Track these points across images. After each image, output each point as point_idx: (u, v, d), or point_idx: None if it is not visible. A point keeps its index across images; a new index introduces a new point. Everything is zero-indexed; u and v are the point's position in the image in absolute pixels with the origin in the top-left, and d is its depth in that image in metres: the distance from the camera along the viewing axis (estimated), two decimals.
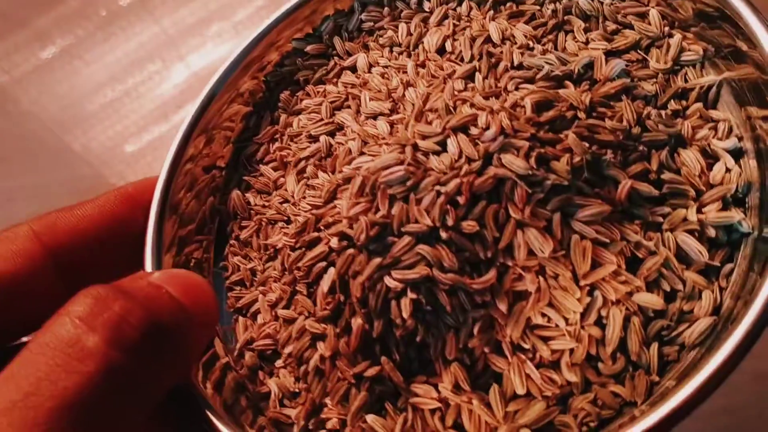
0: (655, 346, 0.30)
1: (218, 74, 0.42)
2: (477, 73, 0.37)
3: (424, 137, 0.33)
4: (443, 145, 0.33)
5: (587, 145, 0.32)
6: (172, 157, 0.39)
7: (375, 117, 0.38)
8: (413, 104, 0.37)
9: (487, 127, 0.32)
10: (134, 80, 0.73)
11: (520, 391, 0.30)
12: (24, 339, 0.35)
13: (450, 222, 0.31)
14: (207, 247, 0.41)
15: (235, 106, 0.43)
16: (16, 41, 0.77)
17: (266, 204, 0.40)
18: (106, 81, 0.73)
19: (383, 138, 0.36)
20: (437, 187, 0.31)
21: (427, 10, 0.43)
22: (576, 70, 0.36)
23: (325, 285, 0.33)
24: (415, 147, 0.33)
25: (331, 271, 0.33)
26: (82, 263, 0.36)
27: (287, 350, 0.35)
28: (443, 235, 0.31)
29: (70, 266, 0.35)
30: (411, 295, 0.31)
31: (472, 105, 0.34)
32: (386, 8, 0.43)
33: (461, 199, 0.31)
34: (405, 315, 0.31)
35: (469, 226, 0.31)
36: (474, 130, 0.32)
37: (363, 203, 0.33)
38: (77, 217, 0.36)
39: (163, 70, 0.71)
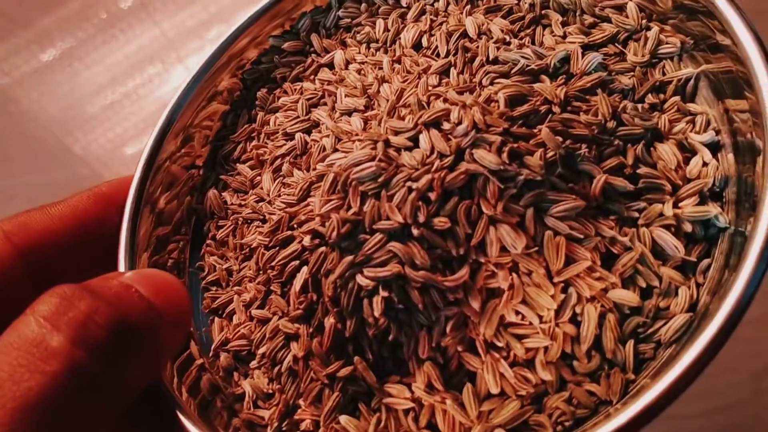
0: (630, 343, 0.30)
1: (195, 71, 0.41)
2: (452, 69, 0.36)
3: (396, 133, 0.33)
4: (415, 141, 0.32)
5: (561, 139, 0.32)
6: (147, 156, 0.39)
7: (349, 113, 0.37)
8: (387, 100, 0.36)
9: (460, 122, 0.32)
10: (134, 82, 0.73)
11: (494, 390, 0.30)
12: None
13: (421, 219, 0.30)
14: (183, 248, 0.41)
15: (214, 104, 0.43)
16: (17, 43, 0.77)
17: (243, 203, 0.40)
18: (107, 83, 0.74)
19: (356, 134, 0.35)
20: (408, 183, 0.31)
21: (404, 5, 0.42)
22: (552, 64, 0.35)
23: (297, 284, 0.33)
24: (387, 143, 0.32)
25: (304, 270, 0.33)
26: (55, 264, 0.35)
27: (261, 351, 0.34)
28: (415, 232, 0.30)
29: (42, 267, 0.35)
30: (383, 293, 0.30)
31: (446, 100, 0.33)
32: (363, 4, 0.43)
33: (433, 195, 0.30)
34: (377, 313, 0.30)
35: (441, 222, 0.30)
36: (446, 125, 0.32)
37: (335, 200, 0.32)
38: (50, 217, 0.36)
39: (163, 73, 0.72)
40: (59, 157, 0.64)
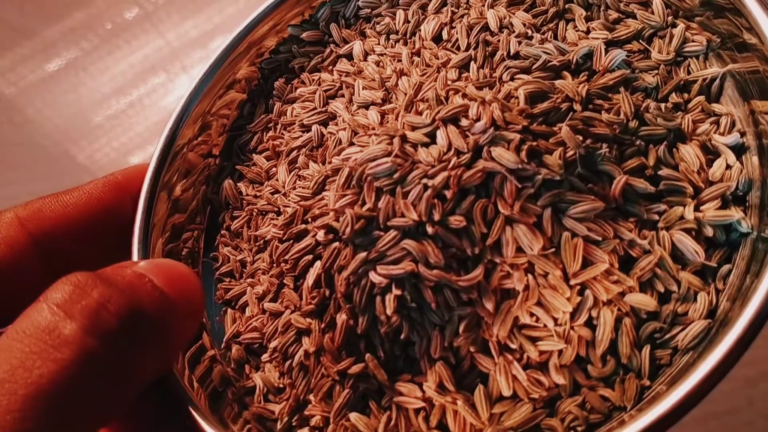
0: (647, 349, 0.29)
1: (213, 57, 0.41)
2: (472, 63, 0.36)
3: (413, 128, 0.32)
4: (432, 137, 0.32)
5: (581, 138, 0.31)
6: (164, 142, 0.38)
7: (367, 106, 0.37)
8: (405, 93, 0.35)
9: (478, 119, 0.31)
10: (139, 92, 0.73)
11: (507, 392, 0.29)
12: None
13: (436, 217, 0.30)
14: (198, 237, 0.41)
15: (232, 93, 0.42)
16: (23, 53, 0.78)
17: (258, 194, 0.39)
18: (111, 93, 0.74)
19: (373, 128, 0.35)
20: (424, 181, 0.30)
21: None
22: (574, 60, 0.34)
23: (310, 279, 0.33)
24: (404, 138, 0.32)
25: (317, 264, 0.33)
26: (68, 251, 0.35)
27: (273, 344, 0.34)
28: (429, 230, 0.30)
29: (55, 254, 0.35)
30: (396, 291, 0.30)
31: (464, 95, 0.33)
32: None
33: (448, 193, 0.30)
34: (389, 312, 0.30)
35: (456, 221, 0.30)
36: (464, 122, 0.31)
37: (350, 195, 0.32)
38: (63, 204, 0.36)
39: (167, 83, 0.72)
40: (64, 166, 0.65)
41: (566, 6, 0.38)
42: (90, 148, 0.70)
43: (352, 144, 0.35)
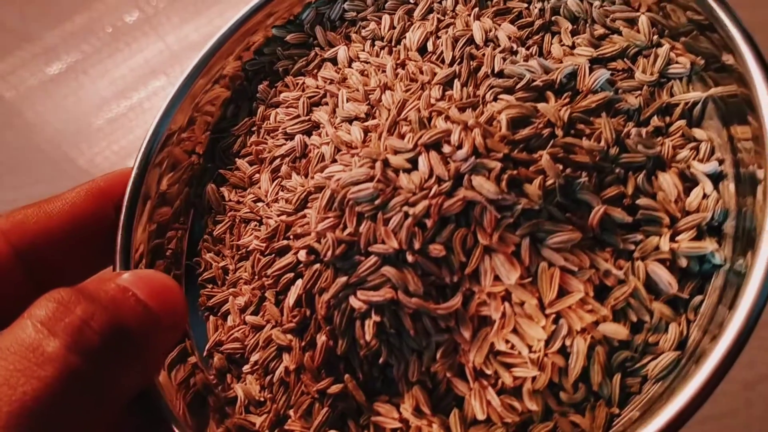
0: (617, 377, 0.30)
1: (206, 49, 0.40)
2: (456, 80, 0.36)
3: (395, 152, 0.32)
4: (414, 162, 0.32)
5: (561, 167, 0.31)
6: (145, 147, 0.38)
7: (350, 121, 0.37)
8: (388, 110, 0.35)
9: (460, 145, 0.31)
10: (139, 96, 0.74)
11: (480, 416, 0.30)
12: None
13: (417, 245, 0.30)
14: (181, 238, 0.41)
15: (217, 88, 0.42)
16: (23, 57, 0.77)
17: (240, 200, 0.40)
18: (111, 96, 0.74)
19: (356, 146, 0.35)
20: (405, 208, 0.31)
21: (411, 1, 0.41)
22: (558, 80, 0.34)
23: (291, 298, 0.33)
24: (386, 162, 0.32)
25: (299, 283, 0.33)
26: (51, 260, 0.36)
27: (254, 357, 0.35)
28: (410, 258, 0.30)
29: (38, 264, 0.35)
30: (375, 317, 0.31)
31: (447, 118, 0.33)
32: None
33: (429, 222, 0.30)
34: (368, 337, 0.31)
35: (436, 250, 0.30)
36: (446, 148, 0.31)
37: (331, 219, 0.32)
38: (47, 215, 0.35)
39: (167, 86, 0.72)
40: (64, 169, 0.65)
41: (552, 18, 0.38)
42: (90, 151, 0.71)
43: (334, 161, 0.35)
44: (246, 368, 0.35)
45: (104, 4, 0.78)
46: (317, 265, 0.32)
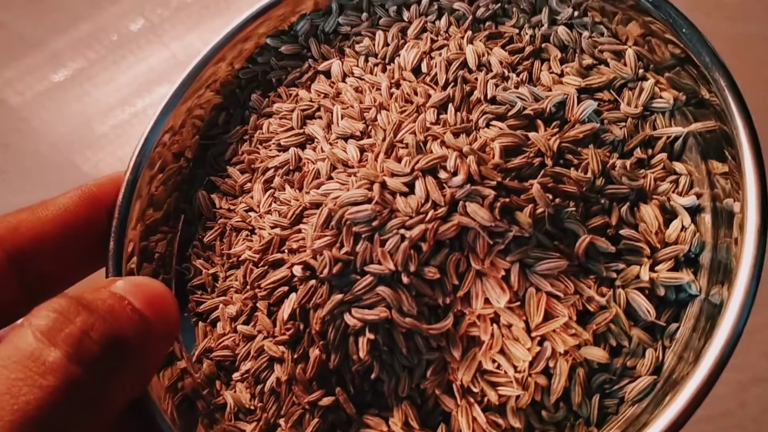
0: (596, 398, 0.32)
1: (202, 55, 0.41)
2: (450, 104, 0.37)
3: (392, 175, 0.33)
4: (411, 186, 0.33)
5: (551, 197, 0.33)
6: (138, 152, 0.38)
7: (346, 138, 0.38)
8: (384, 130, 0.36)
9: (456, 172, 0.32)
10: (143, 103, 0.74)
11: (466, 431, 0.32)
12: None
13: (412, 268, 0.31)
14: (171, 241, 0.41)
15: (207, 93, 0.43)
16: (30, 63, 0.77)
17: (231, 208, 0.40)
18: (116, 103, 0.75)
19: (352, 165, 0.36)
20: (402, 231, 0.32)
21: (405, 20, 0.42)
22: (548, 109, 0.36)
23: (285, 312, 0.34)
24: (384, 185, 0.33)
25: (293, 297, 0.34)
26: (43, 265, 0.36)
27: (245, 367, 0.36)
28: (405, 279, 0.31)
29: (29, 268, 0.35)
30: (369, 335, 0.32)
31: (443, 143, 0.34)
32: (365, 13, 0.43)
33: (424, 246, 0.32)
34: (362, 354, 0.32)
35: (431, 272, 0.31)
36: (442, 174, 0.33)
37: (328, 237, 0.33)
38: (40, 220, 0.36)
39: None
40: (69, 175, 0.65)
41: (542, 45, 0.39)
42: (95, 157, 0.71)
43: (330, 178, 0.36)
44: (236, 376, 0.36)
45: (110, 13, 0.78)
46: (313, 281, 0.33)
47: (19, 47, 0.78)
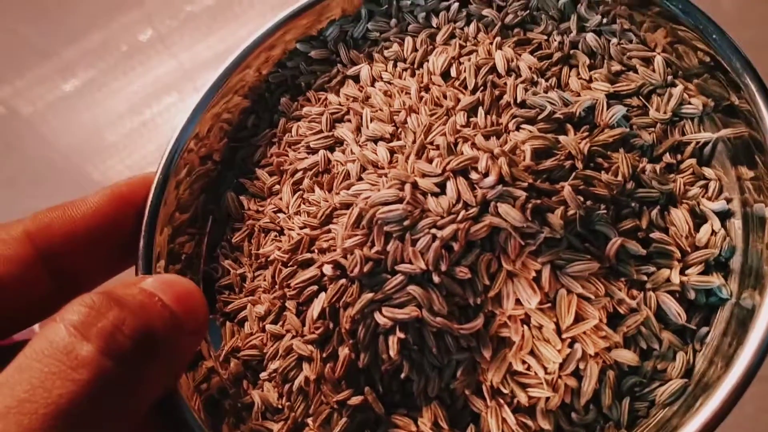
0: (626, 400, 0.32)
1: (229, 61, 0.41)
2: (480, 108, 0.37)
3: (423, 175, 0.34)
4: (442, 187, 0.33)
5: (582, 199, 0.33)
6: (168, 154, 0.39)
7: (375, 141, 0.38)
8: (414, 133, 0.37)
9: (487, 173, 0.33)
10: (152, 112, 0.76)
11: None
12: (16, 337, 0.36)
13: (443, 267, 0.32)
14: (198, 243, 0.42)
15: (235, 97, 0.43)
16: (41, 74, 0.79)
17: (260, 209, 0.40)
18: (126, 112, 0.77)
19: (382, 166, 0.36)
20: (433, 231, 0.32)
21: (434, 26, 0.42)
22: (577, 113, 0.36)
23: (315, 310, 0.34)
24: (415, 185, 0.33)
25: (322, 296, 0.34)
26: (72, 264, 0.36)
27: (273, 366, 0.36)
28: (436, 279, 0.32)
29: (60, 267, 0.36)
30: (399, 334, 0.32)
31: (473, 145, 0.34)
32: (393, 20, 0.43)
33: (456, 245, 0.32)
34: (392, 353, 0.32)
35: (462, 272, 0.32)
36: (474, 175, 0.33)
37: (359, 236, 0.33)
38: (71, 218, 0.36)
39: (179, 102, 0.75)
40: (79, 183, 0.67)
41: (571, 51, 0.40)
42: (104, 165, 0.72)
43: (360, 179, 0.36)
44: (264, 375, 0.36)
45: (119, 23, 0.80)
46: (343, 280, 0.33)
47: (30, 57, 0.80)
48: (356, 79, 0.42)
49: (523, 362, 0.32)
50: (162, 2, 0.80)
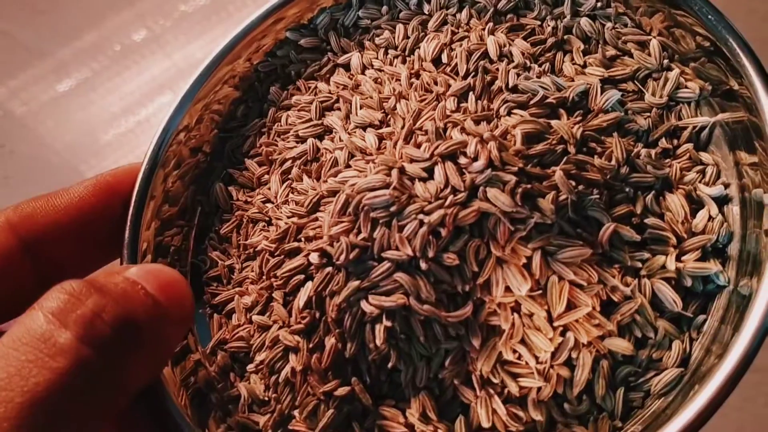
0: (621, 391, 0.31)
1: (216, 51, 0.41)
2: (470, 93, 0.36)
3: (411, 160, 0.33)
4: (430, 172, 0.32)
5: (573, 183, 0.32)
6: (155, 144, 0.38)
7: (364, 127, 0.37)
8: (404, 119, 0.36)
9: (476, 157, 0.32)
10: (146, 111, 0.76)
11: (486, 424, 0.31)
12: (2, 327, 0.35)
13: (431, 254, 0.31)
14: (187, 235, 0.41)
15: (225, 88, 0.42)
16: (35, 74, 0.80)
17: (248, 200, 0.40)
18: (120, 112, 0.77)
19: (370, 153, 0.35)
20: (420, 216, 0.31)
21: (426, 12, 0.42)
22: (570, 98, 0.35)
23: (301, 300, 0.33)
24: (402, 170, 0.32)
25: (309, 285, 0.33)
26: (57, 253, 0.36)
27: (259, 357, 0.35)
28: (423, 265, 0.31)
29: (44, 257, 0.35)
30: (386, 322, 0.31)
31: (463, 129, 0.33)
32: (385, 7, 0.42)
33: (443, 231, 0.31)
34: (378, 342, 0.31)
35: (450, 258, 0.31)
36: (462, 159, 0.32)
37: (345, 223, 0.32)
38: (55, 208, 0.35)
39: (173, 102, 0.73)
40: (73, 181, 0.68)
41: (565, 37, 0.39)
42: (99, 165, 0.73)
43: (348, 166, 0.36)
44: (250, 367, 0.35)
45: (113, 23, 0.81)
46: (329, 268, 0.33)
47: (24, 58, 0.80)
48: (347, 67, 0.42)
49: (514, 351, 0.31)
50: (156, 2, 0.81)
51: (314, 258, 0.33)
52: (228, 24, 0.77)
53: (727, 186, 0.33)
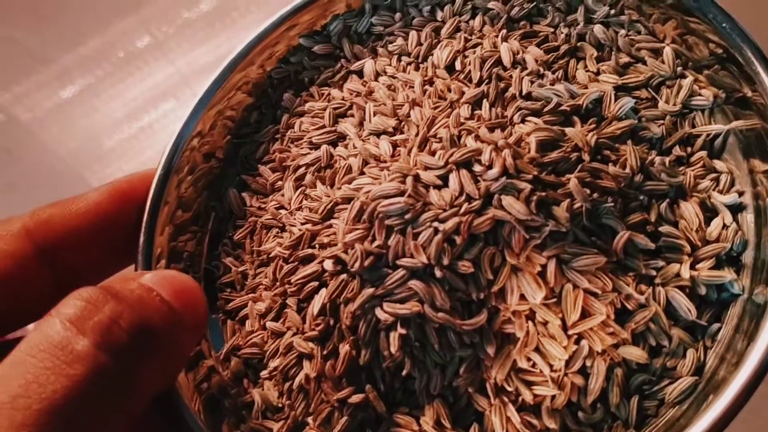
0: (635, 399, 0.31)
1: (230, 58, 0.41)
2: (484, 100, 0.36)
3: (426, 168, 0.33)
4: (445, 179, 0.32)
5: (588, 192, 0.32)
6: (169, 151, 0.38)
7: (378, 135, 0.37)
8: (417, 126, 0.36)
9: (490, 165, 0.32)
10: (150, 117, 0.76)
11: None
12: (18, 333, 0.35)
13: (446, 261, 0.31)
14: (200, 240, 0.41)
15: (239, 94, 0.42)
16: (39, 80, 0.80)
17: (262, 206, 0.40)
18: (123, 118, 0.77)
19: (384, 160, 0.35)
20: (435, 224, 0.31)
21: (439, 19, 0.42)
22: (584, 105, 0.35)
23: (315, 307, 0.33)
24: (417, 178, 0.32)
25: (323, 292, 0.34)
26: (72, 259, 0.36)
27: (273, 364, 0.35)
28: (438, 273, 0.31)
29: (59, 263, 0.35)
30: (401, 330, 0.31)
31: (477, 137, 0.34)
32: (398, 14, 0.42)
33: (458, 239, 0.31)
34: (393, 349, 0.31)
35: (465, 266, 0.31)
36: (477, 167, 0.32)
37: (360, 230, 0.32)
38: (71, 215, 0.36)
39: (177, 108, 0.75)
40: (77, 188, 0.68)
41: (578, 44, 0.39)
42: (103, 171, 0.73)
43: (362, 173, 0.36)
44: (264, 374, 0.35)
45: (117, 30, 0.81)
46: (344, 276, 0.33)
47: (28, 64, 0.81)
48: (360, 74, 0.42)
49: (528, 359, 0.31)
50: (159, 9, 0.81)
51: (328, 265, 0.33)
52: (231, 31, 0.78)
53: (741, 194, 0.33)
